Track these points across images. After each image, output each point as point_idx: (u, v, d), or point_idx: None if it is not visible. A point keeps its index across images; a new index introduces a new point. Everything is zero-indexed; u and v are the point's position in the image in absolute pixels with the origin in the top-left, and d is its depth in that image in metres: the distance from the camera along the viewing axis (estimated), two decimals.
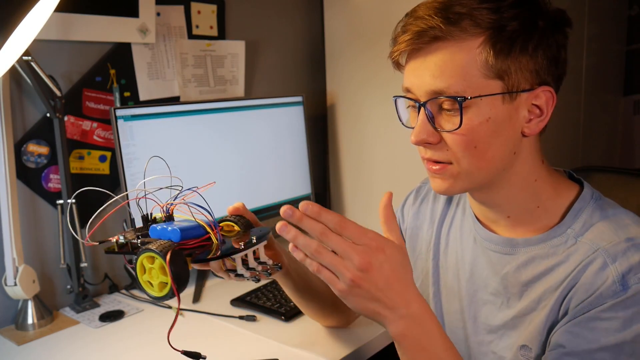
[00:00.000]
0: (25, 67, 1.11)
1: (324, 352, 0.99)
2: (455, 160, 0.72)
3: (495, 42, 0.67)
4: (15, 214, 1.12)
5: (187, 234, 0.69)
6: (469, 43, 0.67)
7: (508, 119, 0.70)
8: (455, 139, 0.70)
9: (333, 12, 1.72)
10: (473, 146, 0.70)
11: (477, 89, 0.68)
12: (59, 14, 1.19)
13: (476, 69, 0.67)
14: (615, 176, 1.05)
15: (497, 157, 0.72)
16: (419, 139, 0.72)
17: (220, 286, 1.35)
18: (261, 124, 1.51)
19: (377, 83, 1.61)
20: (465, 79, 0.68)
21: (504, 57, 0.67)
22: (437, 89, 0.69)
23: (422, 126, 0.72)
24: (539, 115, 0.71)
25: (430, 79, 0.69)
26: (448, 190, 0.75)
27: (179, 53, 1.45)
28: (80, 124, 1.29)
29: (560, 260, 0.72)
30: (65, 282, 1.26)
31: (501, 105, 0.69)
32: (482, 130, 0.69)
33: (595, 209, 0.74)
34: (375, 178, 1.70)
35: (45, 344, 1.08)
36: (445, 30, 0.67)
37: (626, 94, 2.22)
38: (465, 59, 0.67)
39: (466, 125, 0.68)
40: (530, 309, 0.74)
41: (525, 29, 0.68)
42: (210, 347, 1.04)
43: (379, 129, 1.65)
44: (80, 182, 1.29)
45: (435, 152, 0.73)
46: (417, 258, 0.94)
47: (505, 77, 0.68)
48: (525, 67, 0.68)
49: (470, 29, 0.67)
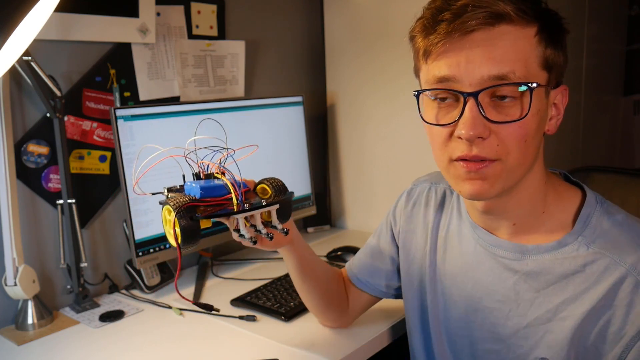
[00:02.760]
0: (25, 67, 1.11)
1: (324, 352, 0.99)
2: (504, 156, 0.66)
3: (547, 33, 0.67)
4: (15, 214, 1.12)
5: (208, 192, 0.74)
6: (528, 30, 0.66)
7: (545, 115, 0.69)
8: (512, 132, 0.65)
9: (333, 12, 1.72)
10: (524, 140, 0.66)
11: (535, 78, 0.66)
12: (59, 14, 1.19)
13: (535, 57, 0.66)
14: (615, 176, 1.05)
15: (534, 154, 0.70)
16: (473, 133, 0.64)
17: (220, 286, 1.35)
18: (261, 124, 1.51)
19: (378, 83, 1.61)
20: (526, 65, 0.65)
21: (552, 49, 0.67)
22: (501, 74, 0.64)
23: (475, 119, 0.64)
24: (557, 114, 0.72)
25: (491, 64, 0.63)
26: (486, 193, 0.69)
27: (179, 53, 1.45)
28: (80, 124, 1.29)
29: (575, 270, 0.70)
30: (65, 282, 1.26)
31: (544, 98, 0.68)
32: (534, 123, 0.67)
33: (602, 214, 0.72)
34: (375, 178, 1.70)
35: (45, 344, 1.08)
36: (514, 15, 0.64)
37: (626, 94, 2.23)
38: (527, 45, 0.65)
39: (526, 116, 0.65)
40: (545, 319, 0.73)
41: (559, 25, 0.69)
42: (210, 347, 1.04)
43: (379, 128, 1.65)
44: (80, 182, 1.29)
45: (484, 148, 0.66)
46: (411, 263, 0.93)
47: (552, 70, 0.68)
48: (560, 62, 0.69)
49: (526, 16, 0.65)
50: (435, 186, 0.93)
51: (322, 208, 1.80)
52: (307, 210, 1.65)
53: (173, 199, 0.72)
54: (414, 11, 0.73)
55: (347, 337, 1.04)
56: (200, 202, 0.73)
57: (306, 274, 0.96)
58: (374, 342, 1.05)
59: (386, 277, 0.99)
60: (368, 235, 1.07)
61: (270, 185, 0.80)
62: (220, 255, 1.58)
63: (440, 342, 0.87)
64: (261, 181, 0.82)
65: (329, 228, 1.84)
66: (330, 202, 1.87)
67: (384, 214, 1.02)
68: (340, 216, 1.84)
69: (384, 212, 1.03)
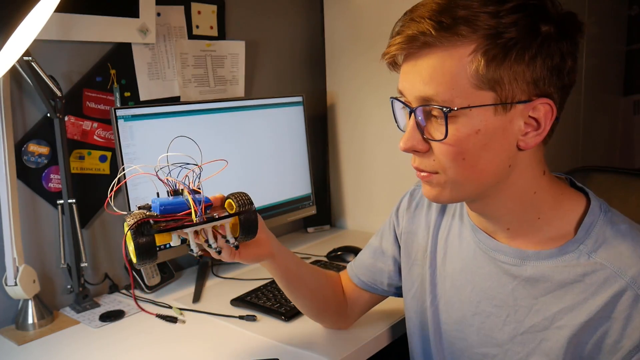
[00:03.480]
0: (25, 67, 1.11)
1: (324, 352, 0.99)
2: (441, 170, 0.69)
3: (487, 50, 0.63)
4: (15, 214, 1.12)
5: (167, 209, 0.76)
6: (460, 50, 0.63)
7: (501, 132, 0.66)
8: (442, 149, 0.67)
9: (333, 12, 1.72)
10: (461, 158, 0.67)
11: (467, 99, 0.64)
12: (59, 14, 1.19)
13: (466, 78, 0.64)
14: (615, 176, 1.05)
15: (488, 170, 0.69)
16: (407, 146, 0.70)
17: (220, 286, 1.35)
18: (261, 124, 1.51)
19: (377, 83, 1.61)
20: (453, 87, 0.64)
21: (495, 67, 0.63)
22: (426, 96, 0.66)
23: (411, 133, 0.70)
24: (536, 129, 0.67)
25: (420, 84, 0.66)
26: (437, 198, 0.73)
27: (179, 53, 1.45)
28: (80, 124, 1.29)
29: (574, 279, 0.70)
30: (66, 282, 1.26)
31: (493, 116, 0.65)
32: (471, 142, 0.66)
33: (605, 223, 0.71)
34: (375, 178, 1.70)
35: (46, 344, 1.08)
36: (436, 36, 0.63)
37: (626, 94, 2.23)
38: (455, 67, 0.64)
39: (453, 136, 0.66)
40: (542, 326, 0.72)
41: (524, 36, 0.63)
42: (210, 347, 1.04)
43: (379, 128, 1.65)
44: (81, 182, 1.29)
45: (422, 160, 0.71)
46: (412, 264, 0.93)
47: (498, 88, 0.64)
48: (521, 77, 0.64)
49: (465, 34, 0.63)
50: None
51: (322, 208, 1.80)
52: (307, 210, 1.65)
53: (131, 216, 0.74)
54: None
55: (347, 337, 1.04)
56: (159, 218, 0.76)
57: (293, 285, 0.96)
58: (373, 343, 1.05)
59: (388, 277, 0.99)
60: (368, 235, 1.07)
61: (235, 200, 0.82)
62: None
63: (438, 344, 0.87)
64: (228, 196, 0.84)
65: (329, 228, 1.84)
66: (330, 202, 1.87)
67: (384, 214, 1.02)
68: (340, 216, 1.84)
69: (384, 212, 1.03)
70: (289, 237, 1.75)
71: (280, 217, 1.57)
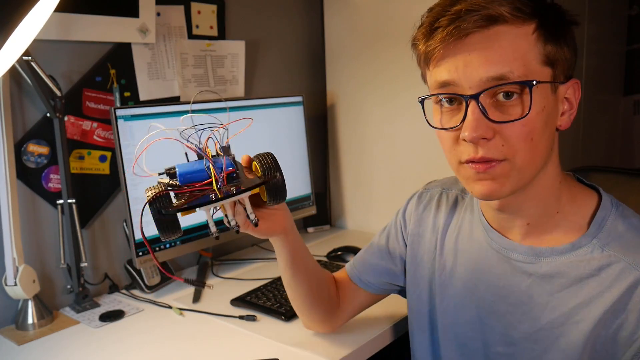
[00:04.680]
0: (25, 67, 1.11)
1: (324, 352, 0.99)
2: (511, 155, 0.67)
3: (546, 29, 0.67)
4: (15, 214, 1.12)
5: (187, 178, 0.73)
6: (525, 28, 0.66)
7: (554, 110, 0.69)
8: (516, 131, 0.66)
9: (333, 12, 1.72)
10: (530, 138, 0.66)
11: (536, 75, 0.66)
12: (59, 14, 1.19)
13: (534, 54, 0.66)
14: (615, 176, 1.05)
15: (544, 152, 0.70)
16: (476, 135, 0.66)
17: (220, 286, 1.35)
18: (261, 124, 1.51)
19: (378, 83, 1.61)
20: (525, 63, 0.65)
21: (553, 45, 0.67)
22: (498, 75, 0.64)
23: (478, 121, 0.66)
24: (570, 109, 0.71)
25: (489, 65, 0.65)
26: (497, 193, 0.69)
27: (179, 53, 1.45)
28: (80, 124, 1.29)
29: (589, 273, 0.70)
30: (65, 282, 1.26)
31: (551, 94, 0.68)
32: (539, 121, 0.67)
33: (617, 217, 0.72)
34: (375, 178, 1.70)
35: (45, 344, 1.08)
36: (510, 16, 0.65)
37: (626, 94, 2.23)
38: (524, 44, 0.66)
39: (528, 115, 0.65)
40: (558, 322, 0.72)
41: (561, 19, 0.69)
42: (210, 347, 1.04)
43: (379, 128, 1.65)
44: (81, 182, 1.29)
45: (489, 149, 0.67)
46: (418, 265, 0.93)
47: (555, 66, 0.68)
48: (564, 57, 0.69)
49: (522, 14, 0.65)
50: (447, 192, 0.93)
51: (322, 208, 1.80)
52: (307, 210, 1.65)
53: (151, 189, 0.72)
54: (413, 11, 0.73)
55: (347, 337, 1.04)
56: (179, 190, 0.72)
57: (297, 268, 0.94)
58: (373, 342, 1.05)
59: (394, 277, 0.99)
60: (368, 235, 1.07)
61: (260, 164, 0.77)
62: (220, 255, 1.58)
63: (448, 345, 0.87)
64: (254, 157, 0.80)
65: (329, 228, 1.84)
66: (330, 202, 1.87)
67: (384, 214, 1.02)
68: (340, 216, 1.84)
69: (383, 212, 1.03)
70: None
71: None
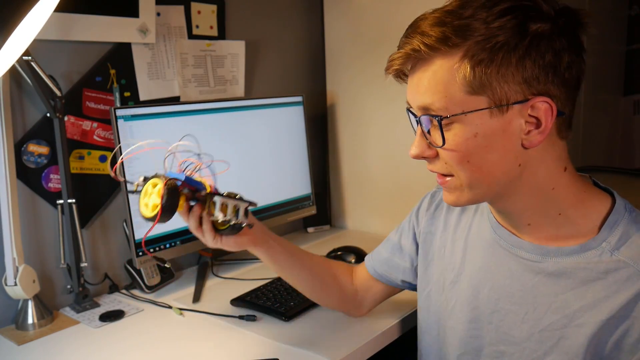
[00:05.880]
0: (25, 67, 1.11)
1: (324, 352, 0.99)
2: (454, 172, 0.72)
3: (473, 55, 0.65)
4: (15, 214, 1.12)
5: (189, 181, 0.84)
6: (451, 60, 0.66)
7: (500, 133, 0.68)
8: (446, 154, 0.71)
9: (333, 12, 1.72)
10: (466, 160, 0.70)
11: (461, 106, 0.67)
12: (59, 14, 1.18)
13: (456, 86, 0.67)
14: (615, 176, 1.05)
15: (497, 170, 0.70)
16: (415, 153, 0.74)
17: (220, 286, 1.35)
18: (261, 124, 1.51)
19: (378, 83, 1.61)
20: (446, 95, 0.68)
21: (482, 71, 0.65)
22: (424, 105, 0.70)
23: (418, 141, 0.74)
24: (538, 127, 0.67)
25: (418, 95, 0.71)
26: (456, 202, 0.76)
27: (179, 53, 1.45)
28: (80, 124, 1.29)
29: (596, 277, 0.70)
30: (65, 282, 1.26)
31: (489, 119, 0.67)
32: (471, 145, 0.69)
33: (630, 222, 0.71)
34: (375, 178, 1.70)
35: (45, 344, 1.08)
36: (426, 52, 0.67)
37: (626, 94, 2.22)
38: (446, 75, 0.67)
39: (453, 141, 0.69)
40: (561, 324, 0.72)
41: (511, 38, 0.64)
42: (210, 347, 1.04)
43: (379, 129, 1.65)
44: (81, 182, 1.29)
45: (435, 165, 0.74)
46: (428, 264, 0.94)
47: (489, 91, 0.66)
48: (511, 78, 0.65)
49: (456, 44, 0.65)
50: None
51: (322, 208, 1.80)
52: (307, 210, 1.65)
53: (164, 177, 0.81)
54: (413, 12, 0.73)
55: (347, 337, 1.04)
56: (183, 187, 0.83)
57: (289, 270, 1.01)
58: (374, 342, 1.05)
59: (403, 273, 1.01)
60: (368, 235, 1.07)
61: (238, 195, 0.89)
62: (220, 255, 1.58)
63: (453, 342, 0.87)
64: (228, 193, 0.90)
65: (329, 228, 1.84)
66: (330, 202, 1.87)
67: (384, 214, 1.03)
68: (340, 216, 1.84)
69: (383, 212, 1.03)
70: (289, 237, 1.74)
71: (280, 217, 1.57)
